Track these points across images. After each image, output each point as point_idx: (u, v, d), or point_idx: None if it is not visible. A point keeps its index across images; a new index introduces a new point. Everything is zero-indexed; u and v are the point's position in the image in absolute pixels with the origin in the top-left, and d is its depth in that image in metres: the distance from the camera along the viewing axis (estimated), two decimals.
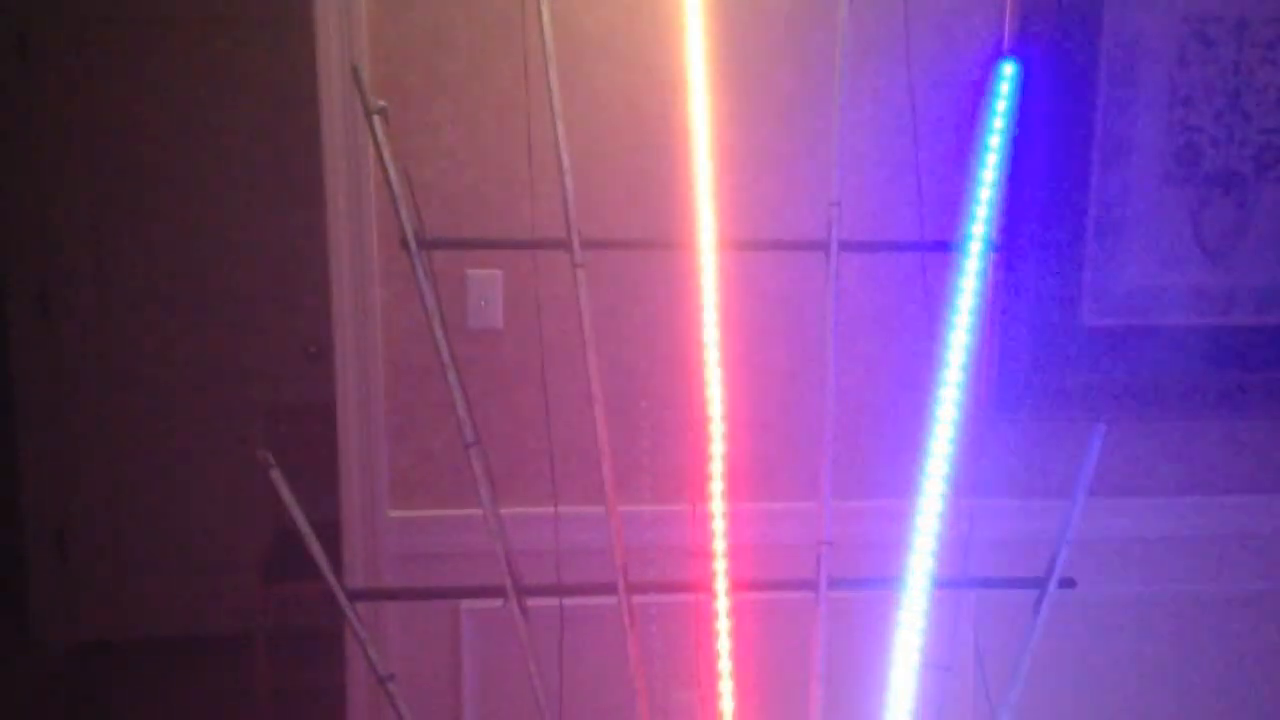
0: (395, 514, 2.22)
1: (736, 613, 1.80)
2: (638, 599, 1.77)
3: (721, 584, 1.76)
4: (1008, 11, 2.18)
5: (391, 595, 2.21)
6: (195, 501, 3.90)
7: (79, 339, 3.81)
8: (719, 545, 1.76)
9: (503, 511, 1.77)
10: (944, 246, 1.92)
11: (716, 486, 1.75)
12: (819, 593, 1.77)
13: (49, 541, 3.88)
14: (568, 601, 1.85)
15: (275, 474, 1.62)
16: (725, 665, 1.77)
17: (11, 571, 3.91)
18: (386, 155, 1.66)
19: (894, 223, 2.17)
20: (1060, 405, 2.30)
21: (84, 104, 3.70)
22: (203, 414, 3.87)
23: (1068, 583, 1.78)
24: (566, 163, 1.67)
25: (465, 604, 2.24)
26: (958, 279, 1.74)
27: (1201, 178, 2.26)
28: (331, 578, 1.71)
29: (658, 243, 2.12)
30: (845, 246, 1.73)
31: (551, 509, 1.91)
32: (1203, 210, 2.27)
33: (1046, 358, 2.29)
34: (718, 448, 1.75)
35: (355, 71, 1.66)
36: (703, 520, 1.75)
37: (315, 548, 1.66)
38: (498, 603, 1.76)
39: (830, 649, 1.79)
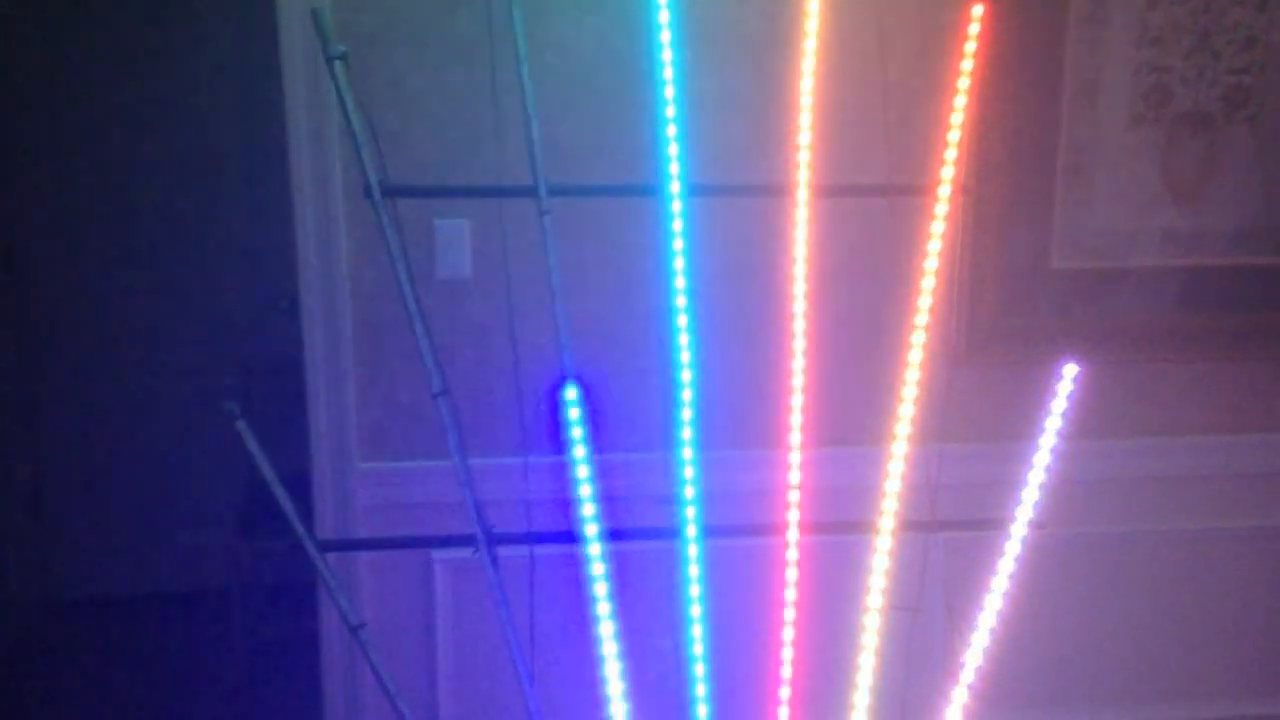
0: (365, 465, 2.21)
1: (709, 559, 1.81)
2: (610, 546, 1.77)
3: (693, 531, 1.77)
4: None
5: (362, 545, 2.21)
6: (169, 457, 3.87)
7: (47, 294, 3.76)
8: (690, 492, 1.76)
9: (473, 461, 1.76)
10: (913, 191, 1.91)
11: (687, 434, 1.75)
12: (789, 538, 1.78)
13: (23, 500, 3.85)
14: (540, 550, 1.85)
15: (241, 425, 1.61)
16: (698, 612, 1.78)
17: None
18: (349, 102, 1.63)
19: (863, 167, 2.16)
20: (1030, 349, 2.30)
21: (46, 57, 3.63)
22: (176, 369, 3.83)
23: (1037, 525, 1.79)
24: (533, 109, 1.65)
25: (437, 553, 2.24)
26: (927, 223, 1.74)
27: (1170, 119, 2.25)
28: (301, 528, 1.70)
29: (627, 189, 2.10)
30: (814, 191, 1.72)
31: (522, 458, 1.91)
32: (1172, 151, 2.26)
33: (1016, 301, 2.29)
34: (688, 395, 1.75)
35: (316, 15, 1.62)
36: (676, 468, 1.75)
37: (283, 498, 1.66)
38: (469, 552, 1.76)
39: (802, 594, 1.81)
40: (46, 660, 3.54)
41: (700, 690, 1.78)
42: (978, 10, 1.67)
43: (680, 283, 1.76)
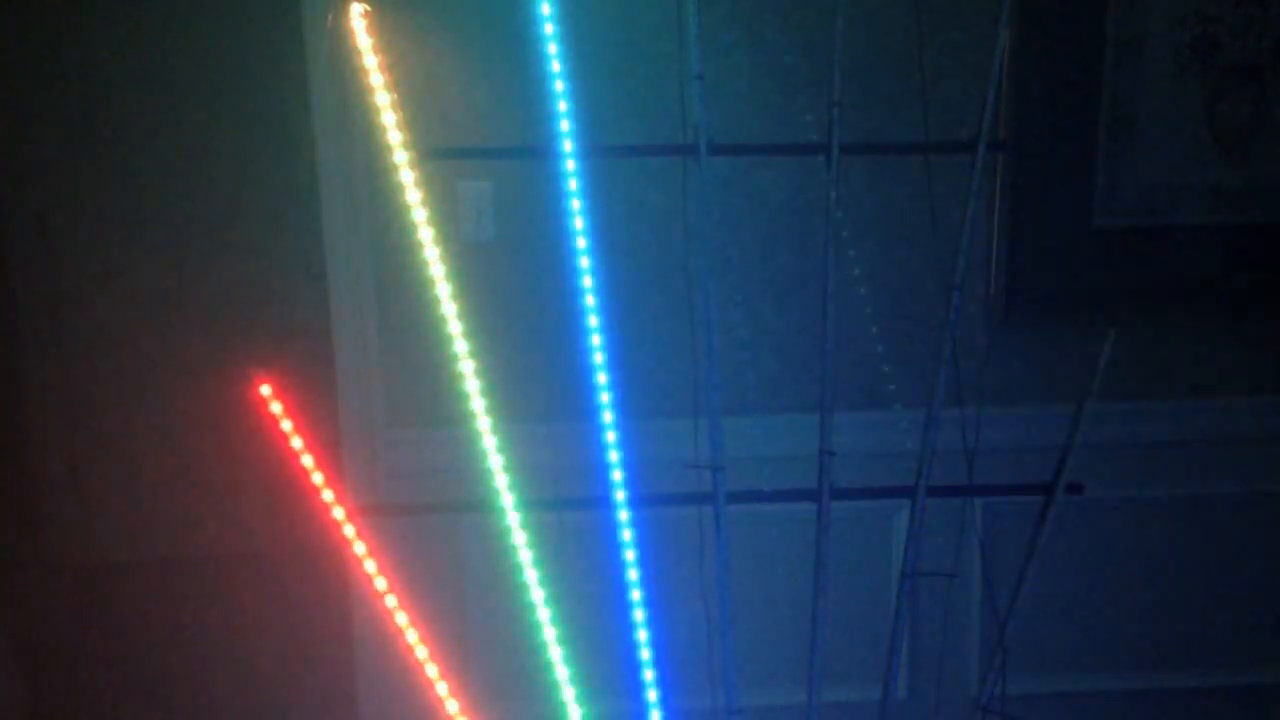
0: (393, 431, 2.21)
1: (741, 525, 1.78)
2: (639, 512, 1.76)
3: (722, 496, 1.75)
4: None
5: (391, 511, 2.19)
6: (204, 422, 3.89)
7: (79, 262, 3.78)
8: (719, 457, 1.74)
9: (502, 426, 1.75)
10: (949, 147, 1.86)
11: (714, 399, 1.72)
12: (822, 503, 1.76)
13: (61, 465, 3.90)
14: (569, 516, 1.84)
15: (266, 390, 1.62)
16: (725, 577, 1.76)
17: (27, 495, 3.94)
18: (371, 62, 1.61)
19: (898, 123, 2.11)
20: (1070, 309, 2.25)
21: (74, 25, 3.63)
22: (210, 335, 3.85)
23: (1075, 488, 1.76)
24: (558, 68, 1.62)
25: (465, 519, 2.23)
26: (964, 181, 1.69)
27: (1218, 71, 2.18)
28: (331, 494, 1.71)
29: (654, 149, 2.07)
30: (847, 149, 1.68)
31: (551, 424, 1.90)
32: (1219, 105, 2.20)
33: (1056, 261, 2.24)
34: (715, 360, 1.72)
35: None
36: (704, 433, 1.73)
37: (312, 464, 1.67)
38: (497, 517, 1.76)
39: (836, 558, 1.78)
40: (87, 623, 3.59)
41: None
42: None
43: (705, 243, 1.72)
